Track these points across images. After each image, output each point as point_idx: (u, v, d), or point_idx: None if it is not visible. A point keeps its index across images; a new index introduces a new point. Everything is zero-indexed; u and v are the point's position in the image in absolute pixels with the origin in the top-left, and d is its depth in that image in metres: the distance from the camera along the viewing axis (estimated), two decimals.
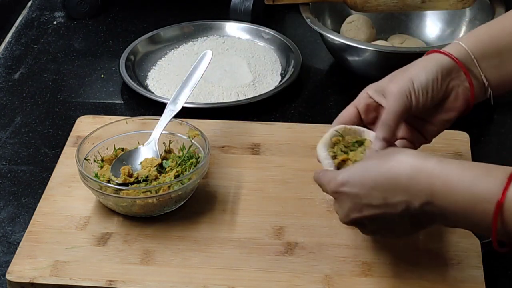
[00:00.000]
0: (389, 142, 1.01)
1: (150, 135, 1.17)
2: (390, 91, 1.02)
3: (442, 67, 1.02)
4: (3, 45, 1.55)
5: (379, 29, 1.50)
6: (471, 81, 1.03)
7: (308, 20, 1.41)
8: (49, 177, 1.18)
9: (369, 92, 1.05)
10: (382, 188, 0.92)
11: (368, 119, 1.05)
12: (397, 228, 0.95)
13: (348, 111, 1.06)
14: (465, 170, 0.89)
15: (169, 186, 1.08)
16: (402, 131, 1.06)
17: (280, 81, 1.41)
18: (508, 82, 1.05)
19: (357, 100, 1.06)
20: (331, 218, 1.10)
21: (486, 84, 1.04)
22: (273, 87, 1.39)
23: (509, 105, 1.36)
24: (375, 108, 1.04)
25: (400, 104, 1.01)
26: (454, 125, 1.07)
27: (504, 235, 0.88)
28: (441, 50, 1.04)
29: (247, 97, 1.37)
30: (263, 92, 1.38)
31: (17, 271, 1.03)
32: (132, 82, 1.39)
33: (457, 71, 1.03)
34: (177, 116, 1.17)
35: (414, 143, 1.06)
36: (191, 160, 1.13)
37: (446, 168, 0.90)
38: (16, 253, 1.06)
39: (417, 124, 1.06)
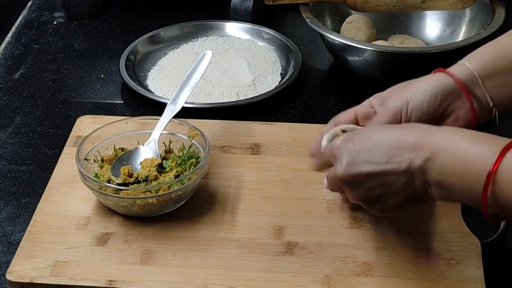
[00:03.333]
0: None
1: (150, 135, 1.17)
2: (386, 104, 1.04)
3: (443, 89, 1.03)
4: (3, 45, 1.55)
5: (379, 29, 1.50)
6: (472, 104, 1.03)
7: (308, 20, 1.41)
8: (49, 177, 1.18)
9: (372, 102, 1.06)
10: (388, 146, 0.93)
11: (363, 125, 1.06)
12: (391, 197, 0.95)
13: (347, 115, 1.07)
14: (468, 135, 0.91)
15: (169, 186, 1.08)
16: None
17: (280, 81, 1.41)
18: None
19: (358, 106, 1.07)
20: (331, 218, 1.10)
21: (491, 104, 1.04)
22: (273, 87, 1.39)
23: None
24: (371, 116, 1.05)
25: (387, 121, 1.02)
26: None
27: (494, 206, 0.89)
28: (446, 70, 1.04)
29: (247, 97, 1.37)
30: (263, 92, 1.38)
31: (17, 271, 1.03)
32: (132, 82, 1.39)
33: (459, 92, 1.03)
34: (177, 116, 1.17)
35: None
36: (191, 160, 1.13)
37: (453, 131, 0.93)
38: (16, 253, 1.06)
39: None
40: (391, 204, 0.97)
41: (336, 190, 1.03)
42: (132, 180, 1.11)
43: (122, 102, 1.39)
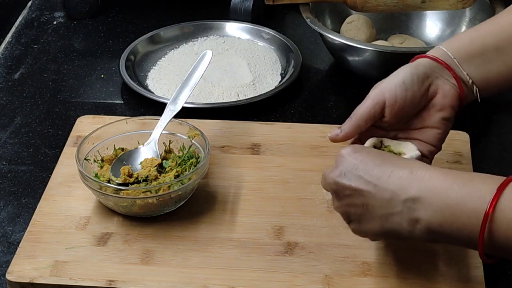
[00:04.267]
0: (348, 135, 1.03)
1: (150, 135, 1.17)
2: (367, 97, 1.04)
3: (418, 69, 1.03)
4: (3, 45, 1.55)
5: (379, 29, 1.50)
6: (456, 76, 1.03)
7: (308, 20, 1.41)
8: (49, 177, 1.18)
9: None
10: (381, 170, 0.92)
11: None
12: (368, 221, 0.94)
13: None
14: (461, 175, 0.90)
15: (169, 186, 1.08)
16: (413, 146, 1.05)
17: (280, 81, 1.41)
18: (494, 81, 1.05)
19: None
20: (331, 218, 1.10)
21: (471, 82, 1.04)
22: (273, 87, 1.39)
23: (509, 105, 1.36)
24: None
25: (364, 111, 1.03)
26: (454, 125, 1.07)
27: (490, 246, 0.87)
28: (422, 55, 1.05)
29: (247, 97, 1.37)
30: (263, 92, 1.38)
31: (17, 271, 1.03)
32: (132, 82, 1.39)
33: (440, 69, 1.04)
34: (177, 116, 1.17)
35: (427, 156, 1.05)
36: (191, 160, 1.13)
37: (443, 172, 0.90)
38: (16, 253, 1.06)
39: (419, 134, 1.05)
40: (367, 228, 0.95)
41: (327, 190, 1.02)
42: (132, 180, 1.11)
43: (122, 102, 1.39)
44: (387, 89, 1.03)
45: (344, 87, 1.42)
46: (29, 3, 1.68)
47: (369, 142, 1.04)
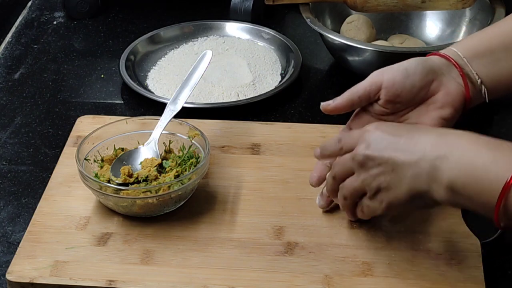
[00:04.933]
0: (338, 106, 1.07)
1: (150, 135, 1.17)
2: (371, 74, 1.05)
3: (425, 62, 1.04)
4: (3, 45, 1.55)
5: (379, 29, 1.50)
6: (464, 75, 1.03)
7: (308, 20, 1.41)
8: (49, 177, 1.18)
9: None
10: (410, 137, 0.94)
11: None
12: (393, 189, 0.95)
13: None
14: (490, 141, 0.90)
15: (169, 186, 1.08)
16: None
17: (280, 81, 1.41)
18: (503, 81, 1.05)
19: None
20: (331, 218, 1.10)
21: (479, 81, 1.04)
22: (273, 87, 1.39)
23: (509, 105, 1.36)
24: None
25: (358, 91, 1.06)
26: (454, 125, 1.07)
27: (505, 216, 0.88)
28: (434, 52, 1.05)
29: (247, 97, 1.37)
30: (263, 92, 1.38)
31: (17, 271, 1.03)
32: (132, 82, 1.39)
33: (448, 67, 1.04)
34: (177, 116, 1.17)
35: None
36: (191, 160, 1.13)
37: (473, 136, 0.92)
38: (16, 253, 1.06)
39: None
40: (395, 195, 0.96)
41: (339, 179, 1.01)
42: (132, 180, 1.11)
43: (122, 102, 1.39)
44: (388, 71, 1.03)
45: (344, 87, 1.41)
46: (29, 3, 1.68)
47: None
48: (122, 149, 1.17)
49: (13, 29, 1.60)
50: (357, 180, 0.99)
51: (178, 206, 1.11)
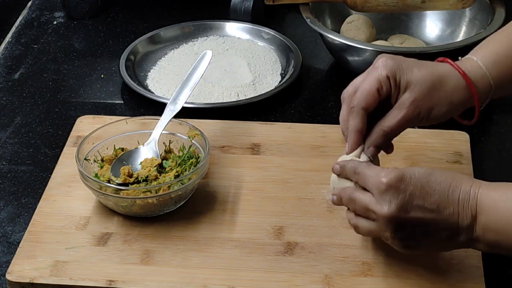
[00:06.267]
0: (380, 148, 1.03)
1: (150, 135, 1.17)
2: (410, 101, 1.01)
3: (461, 97, 1.03)
4: (3, 45, 1.55)
5: (379, 29, 1.50)
6: (471, 85, 1.03)
7: (308, 20, 1.41)
8: (49, 177, 1.18)
9: (391, 79, 1.03)
10: (440, 194, 0.93)
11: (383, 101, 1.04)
12: (431, 243, 0.95)
13: (373, 97, 1.03)
14: (509, 189, 0.92)
15: (169, 186, 1.08)
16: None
17: (280, 81, 1.41)
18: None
19: (379, 84, 1.03)
20: (331, 218, 1.10)
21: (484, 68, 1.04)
22: (273, 87, 1.39)
23: (509, 105, 1.36)
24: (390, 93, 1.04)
25: (409, 117, 1.01)
26: (454, 125, 1.07)
27: None
28: (459, 68, 1.05)
29: (247, 97, 1.37)
30: (263, 92, 1.38)
31: (17, 271, 1.03)
32: (132, 82, 1.39)
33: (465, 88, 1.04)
34: (177, 116, 1.17)
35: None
36: (191, 160, 1.13)
37: (496, 187, 0.93)
38: (16, 253, 1.06)
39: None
40: (428, 248, 0.98)
41: (376, 232, 0.97)
42: (132, 180, 1.11)
43: (122, 102, 1.39)
44: (438, 106, 1.03)
45: (344, 87, 1.42)
46: (29, 3, 1.68)
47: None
48: (122, 149, 1.17)
49: (13, 29, 1.61)
50: (396, 236, 0.96)
51: (178, 206, 1.11)
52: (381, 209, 0.94)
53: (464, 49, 1.24)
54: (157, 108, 1.30)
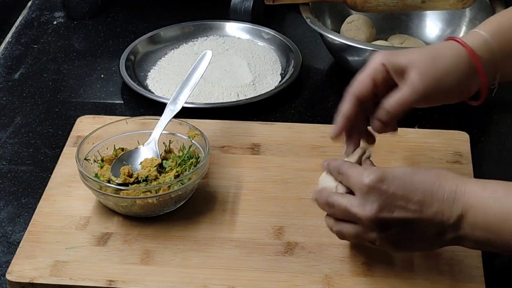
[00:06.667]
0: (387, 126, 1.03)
1: (150, 135, 1.17)
2: (411, 82, 1.00)
3: (466, 72, 1.02)
4: (3, 45, 1.55)
5: (379, 29, 1.50)
6: (482, 72, 1.02)
7: (308, 20, 1.41)
8: (49, 177, 1.18)
9: (387, 65, 1.02)
10: (423, 193, 0.92)
11: (381, 91, 1.03)
12: (418, 242, 0.95)
13: (365, 84, 1.03)
14: (498, 187, 0.91)
15: (169, 186, 1.08)
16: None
17: (280, 81, 1.41)
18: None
19: (373, 72, 1.02)
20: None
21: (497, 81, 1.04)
22: (273, 87, 1.39)
23: (509, 105, 1.36)
24: (389, 82, 1.02)
25: (415, 100, 1.00)
26: (455, 125, 1.07)
27: None
28: (464, 44, 1.03)
29: (247, 97, 1.37)
30: (263, 92, 1.38)
31: (17, 271, 1.03)
32: (132, 82, 1.39)
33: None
34: (177, 116, 1.17)
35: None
36: (191, 160, 1.13)
37: (483, 185, 0.92)
38: (16, 253, 1.06)
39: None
40: (416, 247, 0.98)
41: (362, 235, 0.97)
42: (132, 180, 1.11)
43: (122, 102, 1.39)
44: (443, 83, 1.01)
45: (344, 87, 1.42)
46: (29, 3, 1.68)
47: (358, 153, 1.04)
48: (122, 149, 1.17)
49: (13, 29, 1.60)
50: (379, 236, 0.95)
51: (178, 206, 1.11)
52: (364, 211, 0.94)
53: None
54: (157, 108, 1.30)
